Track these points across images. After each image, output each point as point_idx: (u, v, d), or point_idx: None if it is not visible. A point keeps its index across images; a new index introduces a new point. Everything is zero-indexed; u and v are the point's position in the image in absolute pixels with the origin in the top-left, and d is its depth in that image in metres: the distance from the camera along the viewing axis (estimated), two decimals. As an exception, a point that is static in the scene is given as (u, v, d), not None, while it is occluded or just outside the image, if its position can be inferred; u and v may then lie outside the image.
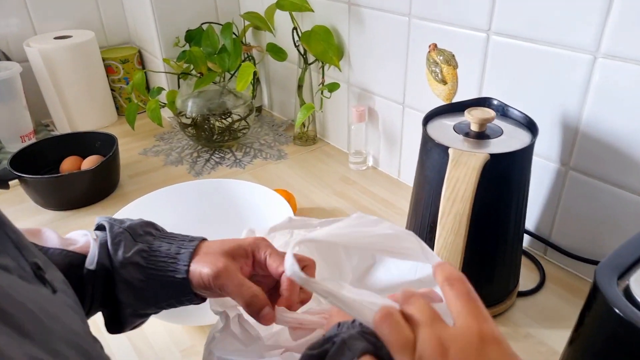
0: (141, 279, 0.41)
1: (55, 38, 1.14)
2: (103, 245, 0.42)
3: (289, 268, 0.33)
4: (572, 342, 0.46)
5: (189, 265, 0.41)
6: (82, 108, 1.18)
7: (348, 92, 1.01)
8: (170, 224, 0.74)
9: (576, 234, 0.70)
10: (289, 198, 0.83)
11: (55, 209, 0.90)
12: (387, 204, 0.90)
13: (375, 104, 0.96)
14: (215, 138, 1.08)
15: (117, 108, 1.28)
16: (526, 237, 0.76)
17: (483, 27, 0.72)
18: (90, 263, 0.41)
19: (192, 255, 0.42)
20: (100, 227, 0.44)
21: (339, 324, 0.33)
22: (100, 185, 0.92)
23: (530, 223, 0.75)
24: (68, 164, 0.95)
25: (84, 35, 1.16)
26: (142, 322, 0.45)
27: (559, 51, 0.64)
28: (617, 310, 0.37)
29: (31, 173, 0.87)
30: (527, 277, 0.72)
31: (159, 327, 0.65)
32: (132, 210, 0.70)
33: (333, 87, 0.98)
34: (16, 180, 0.89)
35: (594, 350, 0.42)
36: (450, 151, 0.55)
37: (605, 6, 0.57)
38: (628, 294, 0.39)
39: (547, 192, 0.72)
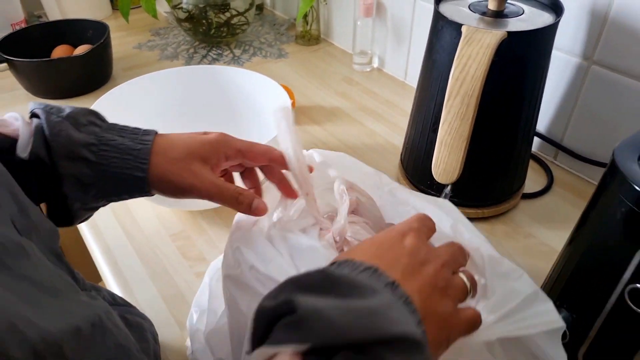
0: (90, 174, 0.36)
1: None
2: (39, 133, 0.35)
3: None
4: (572, 240, 0.43)
5: (147, 163, 0.37)
6: (75, 1, 1.10)
7: (356, -16, 0.93)
8: (158, 112, 0.71)
9: (590, 137, 0.66)
10: (288, 93, 0.78)
11: (46, 97, 0.86)
12: (391, 105, 0.85)
13: (385, -3, 0.88)
14: (213, 33, 1.01)
15: (111, 1, 1.20)
16: (536, 140, 0.72)
17: None
18: (23, 151, 0.35)
19: (150, 151, 0.38)
20: (35, 115, 0.37)
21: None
22: (92, 74, 0.88)
23: (542, 126, 0.71)
24: (59, 52, 0.90)
25: None
26: (91, 215, 0.41)
27: None
28: (637, 187, 0.34)
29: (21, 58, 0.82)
30: (534, 181, 0.68)
31: (150, 212, 0.64)
32: (118, 95, 0.66)
33: (340, -25, 0.90)
34: (5, 65, 0.85)
35: (602, 238, 0.39)
36: (463, 28, 0.50)
37: None
38: (646, 172, 0.36)
39: (564, 91, 0.67)
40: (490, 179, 0.60)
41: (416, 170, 0.64)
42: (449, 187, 0.60)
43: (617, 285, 0.37)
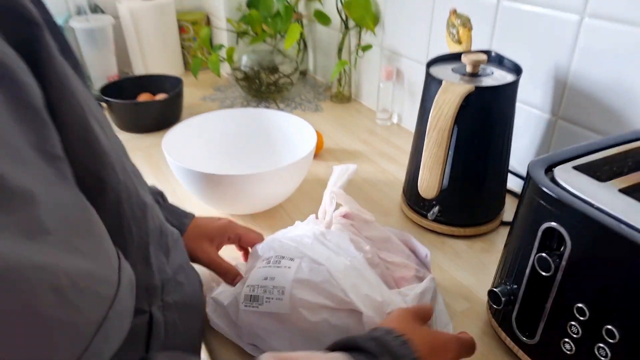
0: None
1: (141, -1, 1.35)
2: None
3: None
4: (509, 233, 0.57)
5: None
6: (156, 59, 1.38)
7: (380, 55, 1.14)
8: (215, 141, 0.91)
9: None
10: (318, 136, 0.98)
11: (132, 132, 1.10)
12: (403, 151, 1.03)
13: (402, 65, 1.09)
14: (263, 90, 1.24)
15: (185, 64, 1.48)
16: (518, 180, 0.86)
17: (494, -7, 0.83)
18: None
19: (186, 230, 0.60)
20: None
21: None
22: (167, 116, 1.11)
23: (523, 168, 0.86)
24: (143, 97, 1.15)
25: (164, -2, 1.36)
26: None
27: (553, 12, 0.74)
28: (543, 188, 0.49)
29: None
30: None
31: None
32: (185, 127, 0.87)
33: (366, 47, 1.12)
34: (105, 105, 1.10)
35: (522, 226, 0.53)
36: (443, 82, 0.68)
37: (589, -29, 0.67)
38: (552, 179, 0.50)
39: (539, 140, 0.82)
40: (469, 205, 0.75)
41: (412, 196, 0.80)
42: (436, 208, 0.75)
43: (530, 257, 0.51)
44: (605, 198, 0.45)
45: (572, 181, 0.48)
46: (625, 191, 0.47)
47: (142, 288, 0.39)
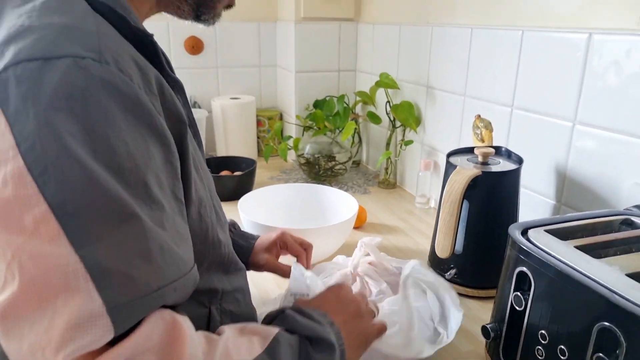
0: None
1: (230, 98, 1.69)
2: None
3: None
4: (497, 290, 0.71)
5: (249, 256, 0.80)
6: (236, 144, 1.68)
7: (420, 149, 1.36)
8: (278, 205, 1.13)
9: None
10: (362, 210, 1.18)
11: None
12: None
13: (438, 158, 1.29)
14: (321, 174, 1.48)
15: (258, 150, 1.77)
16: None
17: (509, 104, 1.04)
18: None
19: (251, 250, 0.81)
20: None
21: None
22: (241, 189, 1.37)
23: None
24: (223, 173, 1.42)
25: (248, 99, 1.69)
26: None
27: (552, 119, 0.93)
28: (516, 242, 0.65)
29: (201, 173, 1.35)
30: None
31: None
32: (256, 194, 1.10)
33: (408, 142, 1.34)
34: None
35: (506, 270, 0.68)
36: (457, 167, 0.87)
37: (576, 94, 0.87)
38: (526, 237, 0.66)
39: (547, 222, 0.97)
40: (481, 269, 0.90)
41: (434, 259, 0.95)
42: (453, 270, 0.91)
43: (509, 297, 0.65)
44: (561, 251, 0.61)
45: (540, 239, 0.64)
46: (579, 247, 0.62)
47: (205, 288, 0.57)
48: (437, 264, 0.94)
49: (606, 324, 0.51)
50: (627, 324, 0.50)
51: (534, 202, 0.99)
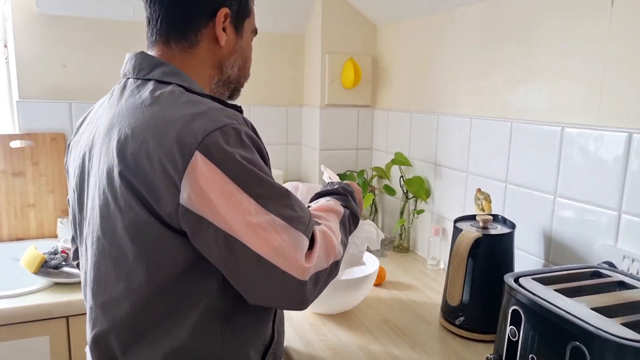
0: None
1: (262, 171, 1.93)
2: None
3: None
4: (497, 326, 0.89)
5: None
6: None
7: (431, 218, 1.57)
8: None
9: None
10: (382, 270, 1.37)
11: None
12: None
13: (447, 225, 1.50)
14: (343, 238, 1.68)
15: (284, 218, 1.98)
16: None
17: (503, 179, 1.26)
18: None
19: None
20: None
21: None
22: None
23: (531, 300, 1.17)
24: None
25: (276, 172, 1.93)
26: None
27: (537, 193, 1.15)
28: (511, 287, 0.84)
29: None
30: (523, 331, 1.12)
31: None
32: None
33: (420, 211, 1.55)
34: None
35: (502, 317, 0.86)
36: (462, 230, 1.08)
37: (555, 173, 1.10)
38: (518, 283, 0.85)
39: (540, 279, 1.16)
40: (486, 317, 1.07)
41: (446, 308, 1.13)
42: (462, 318, 1.09)
43: (506, 330, 0.83)
44: (544, 293, 0.80)
45: (528, 284, 0.84)
46: (558, 290, 0.81)
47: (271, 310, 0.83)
48: (448, 313, 1.12)
49: (577, 343, 0.69)
50: (591, 342, 0.68)
51: (527, 261, 1.18)
